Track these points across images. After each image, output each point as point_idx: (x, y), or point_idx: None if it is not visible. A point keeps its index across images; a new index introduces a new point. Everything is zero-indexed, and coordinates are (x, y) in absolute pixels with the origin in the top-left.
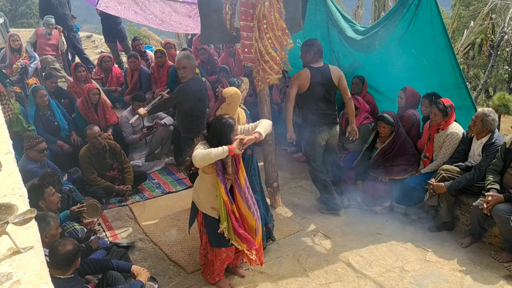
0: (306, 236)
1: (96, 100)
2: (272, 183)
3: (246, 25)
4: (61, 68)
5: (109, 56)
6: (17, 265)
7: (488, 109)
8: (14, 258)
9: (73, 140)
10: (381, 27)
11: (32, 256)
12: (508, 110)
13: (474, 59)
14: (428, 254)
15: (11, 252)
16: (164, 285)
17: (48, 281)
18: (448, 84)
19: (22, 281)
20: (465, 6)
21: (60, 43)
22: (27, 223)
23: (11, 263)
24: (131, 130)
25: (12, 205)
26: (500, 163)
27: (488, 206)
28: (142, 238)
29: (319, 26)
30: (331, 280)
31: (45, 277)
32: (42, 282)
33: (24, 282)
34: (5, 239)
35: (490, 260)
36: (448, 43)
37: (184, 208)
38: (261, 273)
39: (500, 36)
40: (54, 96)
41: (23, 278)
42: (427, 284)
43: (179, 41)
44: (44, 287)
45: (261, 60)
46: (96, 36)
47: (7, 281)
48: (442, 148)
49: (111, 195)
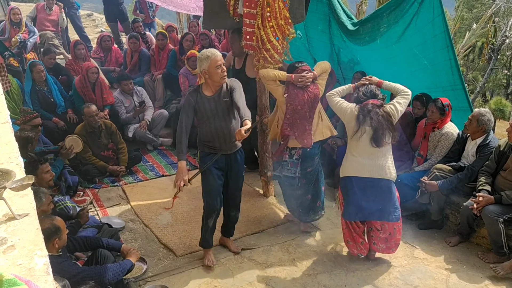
0: (296, 227)
1: (95, 79)
2: (266, 173)
3: (249, 12)
4: (60, 45)
5: (109, 35)
6: (12, 230)
7: (485, 109)
8: (9, 224)
9: (69, 117)
10: (383, 23)
11: (28, 223)
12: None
13: (474, 62)
14: (416, 250)
15: (6, 218)
16: (153, 267)
17: (42, 248)
18: (444, 86)
19: (16, 246)
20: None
21: (60, 20)
22: (24, 189)
23: (6, 229)
24: (124, 110)
25: (9, 171)
26: (493, 165)
27: (478, 206)
28: (133, 219)
29: (321, 19)
30: (318, 271)
31: (39, 244)
32: (36, 248)
33: (19, 247)
34: (1, 205)
35: (477, 260)
36: (449, 43)
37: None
38: (250, 260)
39: (502, 40)
40: (52, 72)
41: (18, 244)
42: (413, 280)
43: (180, 25)
44: (38, 253)
45: (262, 48)
46: (96, 15)
47: (2, 245)
48: (436, 147)
49: (105, 175)
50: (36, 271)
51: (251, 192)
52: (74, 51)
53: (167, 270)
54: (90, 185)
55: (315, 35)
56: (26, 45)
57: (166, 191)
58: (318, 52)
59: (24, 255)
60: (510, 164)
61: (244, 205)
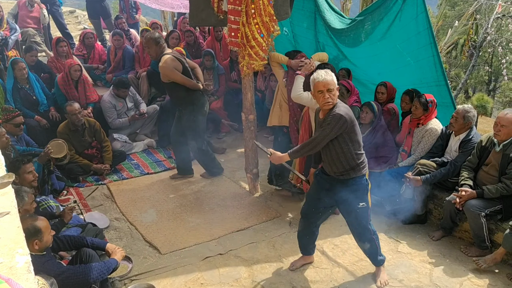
0: (282, 223)
1: (77, 76)
2: (252, 169)
3: (234, 8)
4: (42, 42)
5: (92, 32)
6: None
7: (468, 105)
8: None
9: (52, 115)
10: (367, 20)
11: (9, 222)
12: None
13: (457, 59)
14: (400, 245)
15: None
16: (138, 265)
17: (23, 246)
18: (429, 81)
19: None
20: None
21: (41, 16)
22: (5, 186)
23: None
24: (116, 114)
25: None
26: (475, 160)
27: (460, 201)
28: (118, 217)
29: (307, 16)
30: (305, 266)
31: (20, 242)
32: (17, 246)
33: (0, 245)
34: None
35: (459, 254)
36: (432, 40)
37: (162, 189)
38: (236, 257)
39: (483, 37)
40: (34, 70)
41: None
42: (397, 274)
43: (165, 22)
44: (20, 252)
45: (247, 45)
46: (79, 12)
47: None
48: (420, 142)
49: (89, 173)
50: (17, 270)
51: (237, 189)
52: (56, 48)
53: (153, 268)
54: (74, 183)
55: (301, 32)
56: (7, 43)
57: (152, 189)
58: (304, 48)
59: (5, 254)
60: (491, 159)
61: (230, 202)
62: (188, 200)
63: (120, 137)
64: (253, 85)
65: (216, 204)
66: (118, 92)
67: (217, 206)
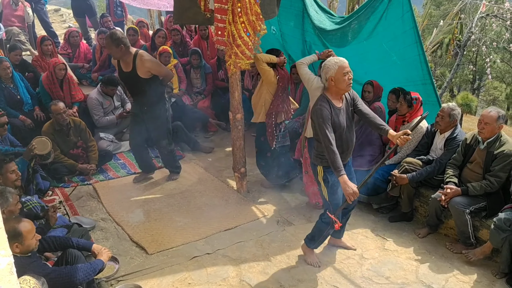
0: (270, 222)
1: (62, 75)
2: (239, 169)
3: (220, 7)
4: (27, 41)
5: (77, 31)
6: None
7: (452, 103)
8: None
9: (36, 115)
10: (354, 19)
11: None
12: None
13: (442, 58)
14: (387, 243)
15: None
16: (125, 266)
17: (6, 247)
18: (415, 80)
19: None
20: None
21: (26, 15)
22: None
23: None
24: (102, 112)
25: None
26: (460, 158)
27: (446, 198)
28: (105, 217)
29: (294, 15)
30: (292, 265)
31: (3, 243)
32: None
33: None
34: None
35: (445, 250)
36: (418, 39)
37: (149, 189)
38: (223, 256)
39: (467, 36)
40: (18, 69)
41: None
42: (384, 272)
43: (151, 21)
44: (2, 253)
45: (234, 44)
46: (64, 10)
47: None
48: None
49: (74, 173)
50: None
51: (224, 188)
52: (41, 47)
53: (140, 268)
54: (59, 184)
55: (288, 30)
56: None
57: (138, 189)
58: (291, 47)
59: None
60: (476, 156)
61: (217, 201)
62: (175, 200)
63: (106, 137)
64: (241, 84)
65: (203, 204)
66: (107, 90)
67: (205, 206)
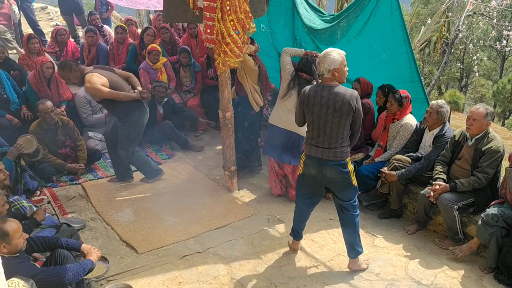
0: (260, 220)
1: (50, 74)
2: (229, 167)
3: (209, 5)
4: (13, 39)
5: (65, 29)
6: None
7: (441, 101)
8: None
9: (23, 114)
10: (343, 17)
11: None
12: (458, 107)
13: (430, 56)
14: (376, 239)
15: None
16: (115, 265)
17: None
18: (404, 78)
19: None
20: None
21: (12, 13)
22: None
23: None
24: (90, 110)
25: None
26: (448, 155)
27: (434, 194)
28: (94, 217)
29: (284, 13)
30: (283, 263)
31: None
32: None
33: None
34: None
35: (434, 246)
36: (406, 37)
37: (138, 188)
38: (214, 255)
39: (455, 34)
40: (3, 67)
41: None
42: (374, 268)
43: (140, 19)
44: None
45: (223, 42)
46: (51, 8)
47: None
48: (396, 138)
49: (63, 173)
50: None
51: (215, 186)
52: (28, 45)
53: (130, 268)
54: (47, 184)
55: (278, 29)
56: None
57: (128, 188)
58: (281, 45)
59: None
60: (464, 153)
61: (208, 199)
62: (165, 199)
63: (95, 136)
64: (230, 82)
65: (193, 202)
66: None
67: (195, 204)
